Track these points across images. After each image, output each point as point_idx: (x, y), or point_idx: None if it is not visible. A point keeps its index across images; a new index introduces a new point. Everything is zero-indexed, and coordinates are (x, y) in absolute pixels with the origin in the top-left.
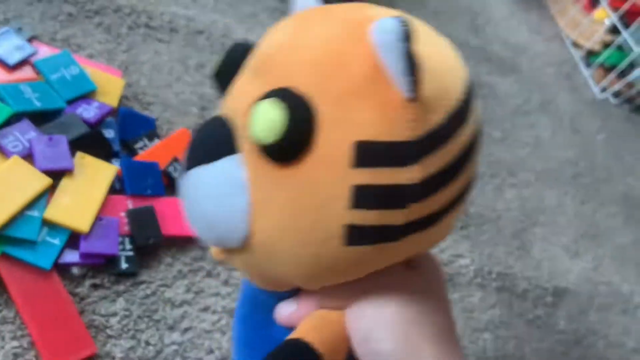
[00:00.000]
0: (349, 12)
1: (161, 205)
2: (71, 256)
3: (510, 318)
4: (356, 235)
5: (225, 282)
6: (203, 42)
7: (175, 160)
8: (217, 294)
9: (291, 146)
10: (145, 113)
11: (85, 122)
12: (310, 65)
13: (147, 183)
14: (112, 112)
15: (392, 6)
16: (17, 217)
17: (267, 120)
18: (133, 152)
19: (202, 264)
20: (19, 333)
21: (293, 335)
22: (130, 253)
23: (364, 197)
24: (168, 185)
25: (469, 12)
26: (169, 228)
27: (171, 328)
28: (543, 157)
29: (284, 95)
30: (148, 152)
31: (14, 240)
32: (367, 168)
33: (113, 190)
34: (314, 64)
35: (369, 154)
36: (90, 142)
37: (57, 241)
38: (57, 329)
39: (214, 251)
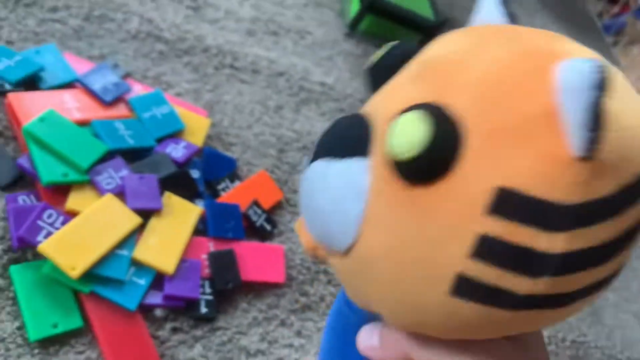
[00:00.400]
0: (536, 40)
1: (240, 249)
2: (154, 298)
3: None
4: (466, 287)
5: (298, 333)
6: (283, 84)
7: (255, 203)
8: (290, 346)
9: (426, 168)
10: (227, 154)
11: (174, 161)
12: (475, 87)
13: (228, 226)
14: (198, 152)
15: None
16: (107, 256)
17: (408, 134)
18: (216, 193)
19: (277, 312)
20: None
21: None
22: (210, 297)
23: (489, 249)
24: (247, 229)
25: None
26: (247, 273)
27: None
28: None
29: (434, 111)
30: (229, 193)
31: (103, 279)
32: (504, 219)
33: (195, 231)
34: (480, 87)
35: (511, 204)
36: (178, 181)
37: (142, 282)
38: None
39: (305, 244)
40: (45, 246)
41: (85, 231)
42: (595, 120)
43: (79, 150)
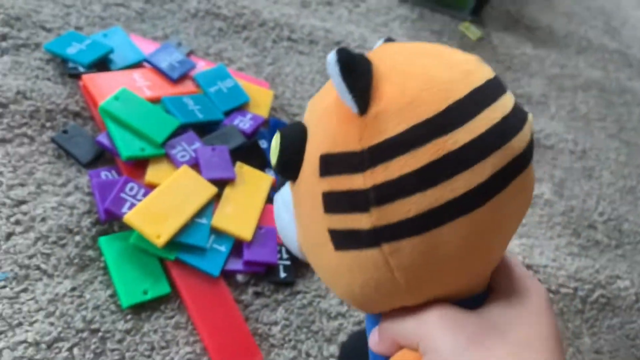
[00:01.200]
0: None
1: None
2: (235, 264)
3: None
4: (340, 238)
5: None
6: None
7: None
8: None
9: (285, 165)
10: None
11: (243, 132)
12: (314, 97)
13: None
14: (264, 123)
15: (522, 9)
16: (189, 225)
17: (272, 148)
18: None
19: None
20: (191, 339)
21: None
22: (287, 262)
23: (331, 202)
24: None
25: (602, 13)
26: None
27: (329, 340)
28: None
29: (286, 125)
30: None
31: (186, 246)
32: (330, 176)
33: (269, 199)
34: (316, 95)
35: (328, 164)
36: (248, 152)
37: (223, 248)
38: (227, 336)
39: None
40: (131, 216)
41: (166, 201)
42: (352, 86)
43: (153, 126)
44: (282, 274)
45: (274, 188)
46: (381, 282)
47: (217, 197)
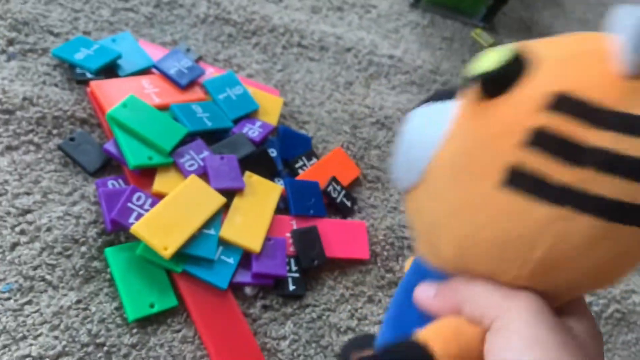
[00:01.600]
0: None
1: (323, 226)
2: (243, 276)
3: None
4: (517, 176)
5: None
6: (351, 59)
7: (334, 180)
8: (380, 322)
9: (499, 79)
10: (301, 132)
11: (251, 141)
12: (550, 42)
13: (309, 203)
14: (273, 131)
15: (534, 16)
16: (196, 236)
17: (490, 56)
18: (293, 172)
19: (363, 288)
20: (198, 354)
21: (422, 333)
22: (297, 275)
23: (543, 140)
24: (327, 206)
25: None
26: (331, 250)
27: (339, 355)
28: None
29: (514, 48)
30: (307, 171)
31: (193, 258)
32: (559, 116)
33: (277, 209)
34: (553, 41)
35: (567, 104)
36: (257, 161)
37: (231, 260)
38: (235, 350)
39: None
40: (138, 227)
41: (174, 212)
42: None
43: (161, 134)
44: (291, 287)
45: (283, 199)
46: (514, 245)
47: (225, 208)
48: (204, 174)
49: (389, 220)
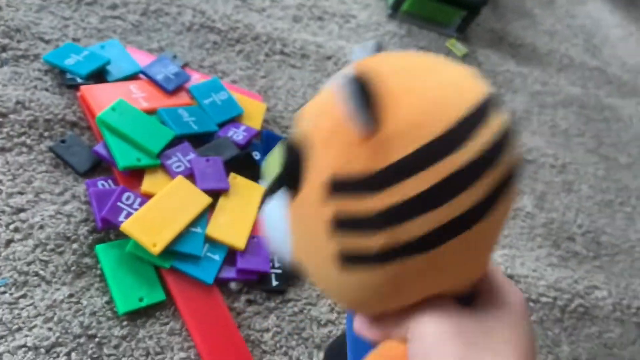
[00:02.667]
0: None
1: None
2: (228, 272)
3: None
4: (347, 258)
5: None
6: (332, 67)
7: None
8: None
9: (290, 177)
10: (284, 136)
11: (236, 144)
12: (310, 113)
13: None
14: (257, 134)
15: (506, 27)
16: (184, 234)
17: (272, 159)
18: None
19: None
20: (185, 345)
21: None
22: (279, 271)
23: (340, 223)
24: None
25: (582, 32)
26: None
27: (319, 347)
28: None
29: (288, 140)
30: None
31: (181, 255)
32: (338, 198)
33: (261, 209)
34: (313, 110)
35: (337, 185)
36: (242, 163)
37: (217, 257)
38: (220, 342)
39: None
40: (127, 225)
41: (162, 211)
42: (362, 108)
43: (149, 137)
44: (274, 282)
45: None
46: (384, 295)
47: (211, 207)
48: (190, 175)
49: None
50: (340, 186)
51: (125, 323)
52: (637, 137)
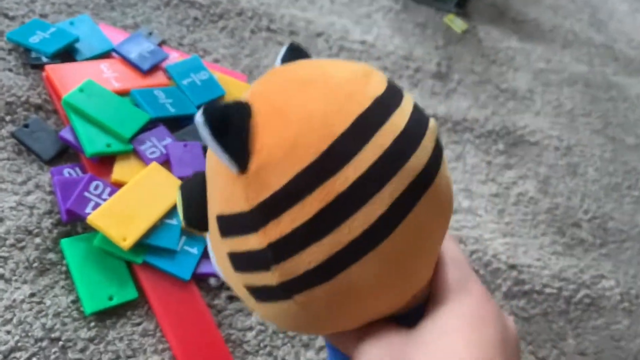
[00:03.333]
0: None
1: None
2: (208, 267)
3: None
4: (256, 292)
5: None
6: (322, 45)
7: None
8: None
9: (191, 221)
10: None
11: None
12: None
13: None
14: None
15: (508, 1)
16: (158, 226)
17: (177, 203)
18: None
19: None
20: (160, 347)
21: None
22: None
23: (235, 262)
24: None
25: (588, 6)
26: None
27: (306, 346)
28: None
29: (183, 182)
30: None
31: (155, 249)
32: (228, 237)
33: None
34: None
35: (224, 225)
36: None
37: (195, 251)
38: (197, 343)
39: None
40: (95, 217)
41: (134, 201)
42: (225, 147)
43: (121, 120)
44: None
45: None
46: (308, 322)
47: None
48: (166, 162)
49: None
50: (226, 225)
51: (92, 324)
52: None
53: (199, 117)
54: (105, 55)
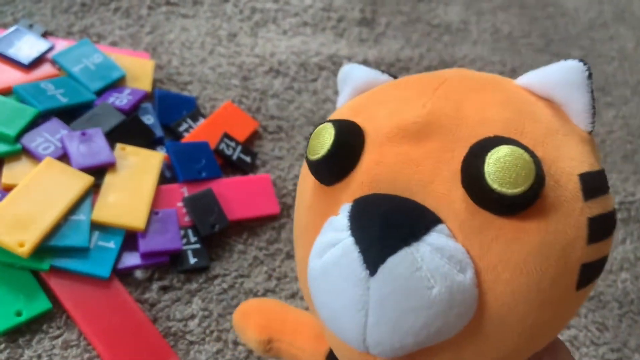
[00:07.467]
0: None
1: (220, 187)
2: (131, 259)
3: None
4: (587, 273)
5: None
6: (231, 10)
7: (226, 136)
8: None
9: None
10: (184, 93)
11: (120, 110)
12: (499, 122)
13: (200, 165)
14: (147, 96)
15: None
16: (62, 224)
17: (511, 166)
18: (178, 136)
19: (279, 245)
20: (86, 356)
21: None
22: (197, 245)
23: (597, 228)
24: (222, 165)
25: None
26: (234, 212)
27: None
28: (634, 69)
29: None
30: (194, 132)
31: (63, 250)
32: (595, 198)
33: (164, 179)
34: (503, 120)
35: (591, 185)
36: (129, 130)
37: (112, 244)
38: (129, 344)
39: (258, 337)
40: None
41: (28, 202)
42: (593, 101)
43: (3, 119)
44: (192, 260)
45: (168, 166)
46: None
47: (96, 187)
48: (64, 156)
49: (297, 168)
50: (593, 184)
51: (3, 345)
52: (586, 29)
53: (579, 66)
54: None
